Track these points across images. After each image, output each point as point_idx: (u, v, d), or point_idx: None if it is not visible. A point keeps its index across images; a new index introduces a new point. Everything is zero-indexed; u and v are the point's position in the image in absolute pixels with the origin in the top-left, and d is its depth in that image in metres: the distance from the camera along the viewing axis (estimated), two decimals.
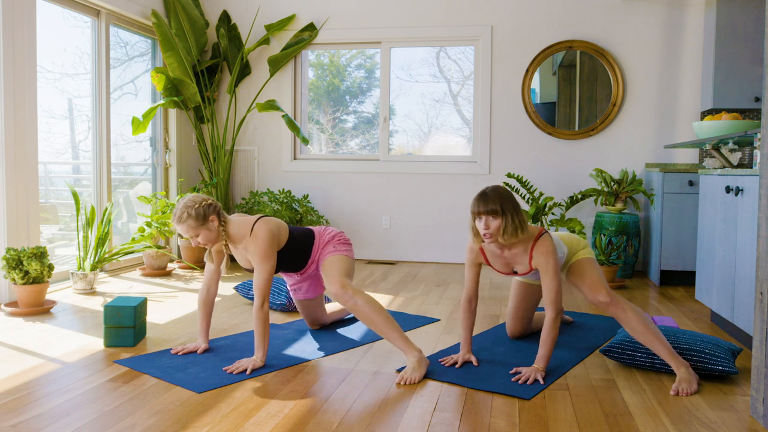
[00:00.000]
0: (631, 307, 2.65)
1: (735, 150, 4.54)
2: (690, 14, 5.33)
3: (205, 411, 2.25)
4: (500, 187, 2.63)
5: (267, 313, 2.72)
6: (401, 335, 2.69)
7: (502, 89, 5.63)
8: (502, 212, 2.53)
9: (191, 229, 2.71)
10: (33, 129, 4.04)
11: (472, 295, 2.81)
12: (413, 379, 2.56)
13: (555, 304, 2.61)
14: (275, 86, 5.94)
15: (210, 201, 2.75)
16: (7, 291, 3.90)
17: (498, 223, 2.54)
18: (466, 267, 2.82)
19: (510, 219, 2.54)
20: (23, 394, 2.39)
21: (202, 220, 2.71)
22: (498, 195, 2.56)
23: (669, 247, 4.73)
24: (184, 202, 2.72)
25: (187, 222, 2.69)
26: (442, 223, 5.77)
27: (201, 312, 2.96)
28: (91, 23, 4.88)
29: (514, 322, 3.17)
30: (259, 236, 2.75)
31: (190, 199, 2.72)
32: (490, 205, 2.53)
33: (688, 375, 2.53)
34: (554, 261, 2.63)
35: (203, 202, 2.72)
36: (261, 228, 2.77)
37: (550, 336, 2.62)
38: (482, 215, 2.55)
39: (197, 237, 2.73)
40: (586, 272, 2.76)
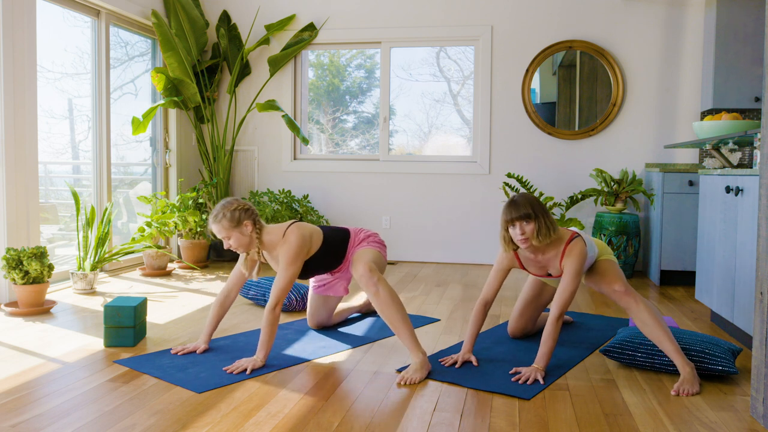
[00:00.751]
0: (643, 300, 2.68)
1: (735, 150, 4.54)
2: (690, 14, 5.33)
3: (205, 411, 2.25)
4: (526, 192, 2.71)
5: (278, 316, 2.74)
6: (411, 334, 2.70)
7: (502, 89, 5.63)
8: (535, 215, 2.62)
9: (224, 230, 2.73)
10: (33, 129, 4.04)
11: (489, 300, 2.84)
12: (414, 379, 2.57)
13: (563, 305, 2.65)
14: (275, 86, 5.94)
15: (248, 206, 2.78)
16: (7, 291, 3.90)
17: (532, 227, 2.62)
18: (494, 271, 2.84)
19: (543, 221, 2.63)
20: (23, 394, 2.39)
21: (236, 223, 2.73)
22: (527, 200, 2.64)
23: (669, 247, 4.73)
24: (223, 203, 2.76)
25: (221, 223, 2.72)
26: (442, 223, 5.77)
27: (213, 313, 2.96)
28: (91, 23, 4.88)
29: (518, 319, 3.18)
30: (290, 241, 2.78)
31: (228, 201, 2.76)
32: (522, 210, 2.61)
33: (692, 376, 2.52)
34: (580, 265, 2.67)
35: (240, 206, 2.75)
36: (293, 233, 2.80)
37: (552, 335, 2.63)
38: (516, 221, 2.63)
39: (229, 239, 2.75)
40: (606, 269, 2.82)
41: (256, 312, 3.78)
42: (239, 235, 2.75)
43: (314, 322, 3.36)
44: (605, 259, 2.87)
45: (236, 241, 2.76)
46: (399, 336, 2.73)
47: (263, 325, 2.73)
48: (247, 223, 2.76)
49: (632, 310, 2.67)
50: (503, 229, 2.69)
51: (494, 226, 5.67)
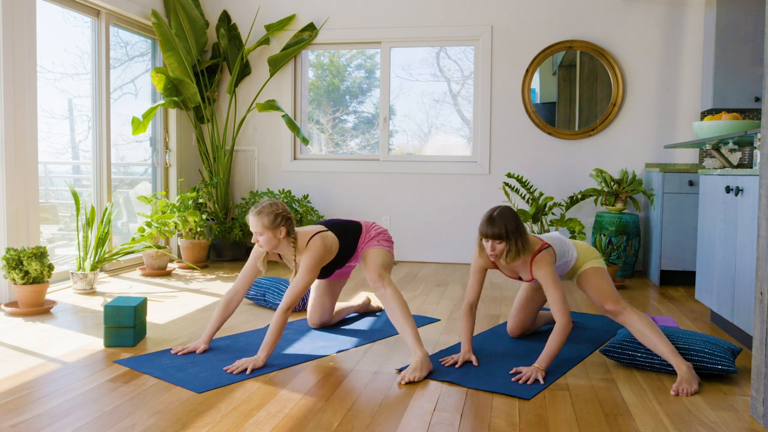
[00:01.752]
0: (634, 312, 2.73)
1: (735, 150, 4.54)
2: (690, 14, 5.33)
3: (205, 411, 2.25)
4: (506, 210, 2.72)
5: (287, 320, 2.77)
6: (414, 333, 2.74)
7: (502, 89, 5.63)
8: (507, 237, 2.67)
9: (260, 226, 2.82)
10: (33, 129, 4.04)
11: (474, 302, 2.88)
12: (414, 377, 2.57)
13: (562, 311, 2.68)
14: (275, 86, 5.94)
15: (289, 216, 2.88)
16: (7, 291, 3.90)
17: (502, 247, 2.68)
18: (472, 272, 2.88)
19: (513, 243, 2.68)
20: (23, 394, 2.39)
21: (274, 226, 2.82)
22: (503, 220, 2.68)
23: (669, 247, 4.73)
24: (271, 202, 2.86)
25: (262, 220, 2.81)
26: (442, 223, 5.77)
27: (217, 313, 2.96)
28: (91, 23, 4.88)
29: (517, 318, 3.18)
30: (312, 250, 2.88)
31: (277, 203, 2.86)
32: (496, 230, 2.66)
33: (690, 375, 2.53)
34: (551, 273, 2.73)
35: (284, 214, 2.85)
36: (316, 243, 2.90)
37: (558, 340, 2.65)
38: (488, 239, 2.69)
39: (261, 236, 2.84)
40: (595, 281, 2.85)
41: (256, 312, 3.78)
42: (271, 236, 2.84)
43: (316, 316, 3.36)
44: (595, 268, 2.88)
45: (266, 241, 2.85)
46: (402, 334, 2.78)
47: (272, 325, 2.74)
48: (282, 230, 2.85)
49: (627, 324, 2.73)
50: (479, 236, 2.76)
51: None
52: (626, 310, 2.73)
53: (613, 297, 2.77)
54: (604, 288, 2.81)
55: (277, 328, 2.74)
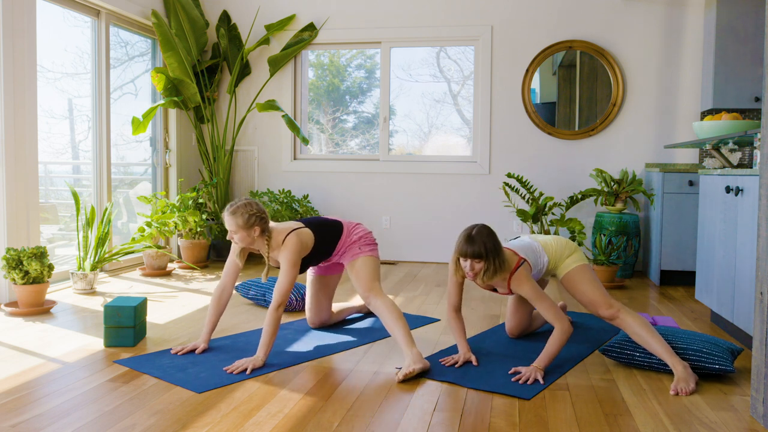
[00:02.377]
0: (628, 313, 2.72)
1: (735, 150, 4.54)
2: (690, 14, 5.33)
3: (205, 411, 2.25)
4: (484, 228, 2.71)
5: (280, 317, 2.80)
6: (406, 334, 2.76)
7: (502, 89, 5.63)
8: (486, 257, 2.65)
9: (234, 226, 2.87)
10: (33, 129, 4.04)
11: (457, 306, 2.88)
12: (413, 370, 2.58)
13: (559, 320, 2.68)
14: (275, 86, 5.94)
15: (263, 215, 2.92)
16: (7, 291, 3.90)
17: (480, 266, 2.67)
18: (450, 283, 2.88)
19: (492, 262, 2.67)
20: (23, 394, 2.39)
21: (248, 226, 2.87)
22: (482, 239, 2.66)
23: (669, 247, 4.73)
24: (248, 202, 2.91)
25: (236, 219, 2.86)
26: (443, 223, 5.77)
27: (211, 310, 2.97)
28: (91, 23, 4.88)
29: (513, 319, 3.18)
30: (289, 247, 2.92)
31: (251, 203, 2.91)
32: (475, 249, 2.65)
33: (686, 374, 2.53)
34: (532, 286, 2.73)
35: (258, 214, 2.89)
36: (292, 240, 2.94)
37: (559, 341, 2.65)
38: (467, 258, 2.67)
39: (235, 234, 2.89)
40: (580, 286, 2.82)
41: (256, 312, 3.78)
42: (245, 235, 2.89)
43: (313, 315, 3.36)
44: (575, 269, 2.85)
45: (241, 238, 2.90)
46: (394, 336, 2.81)
47: (266, 324, 2.75)
48: (256, 229, 2.89)
49: (621, 327, 2.73)
50: (455, 254, 2.73)
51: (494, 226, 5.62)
52: (620, 314, 2.72)
53: (605, 302, 2.75)
54: (592, 294, 2.78)
55: (272, 326, 2.75)
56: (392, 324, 2.82)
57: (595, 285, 2.81)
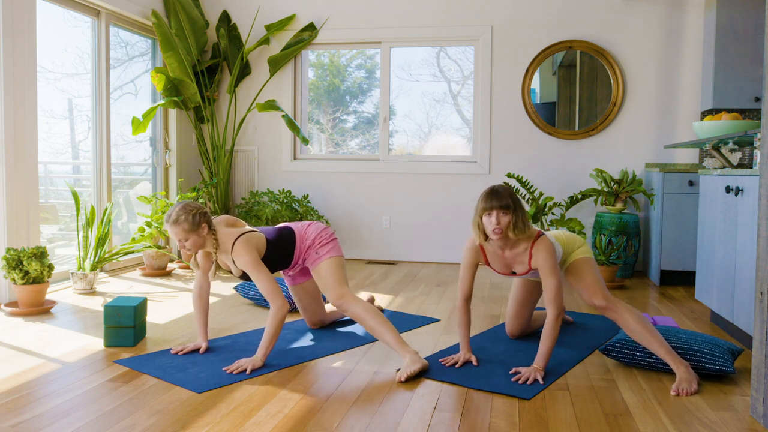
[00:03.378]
0: (627, 309, 2.68)
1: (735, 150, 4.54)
2: (690, 14, 5.33)
3: (205, 411, 2.25)
4: (506, 185, 2.69)
5: (283, 318, 2.75)
6: (396, 338, 2.74)
7: (502, 89, 5.63)
8: (513, 208, 2.60)
9: (183, 233, 2.76)
10: (33, 129, 4.04)
11: (468, 295, 2.82)
12: (412, 370, 2.57)
13: (556, 303, 2.62)
14: (275, 86, 5.94)
15: (204, 210, 2.83)
16: (7, 291, 3.90)
17: (508, 219, 2.60)
18: (463, 268, 2.82)
19: (519, 215, 2.62)
20: (23, 394, 2.39)
21: (195, 227, 2.78)
22: (508, 192, 2.63)
23: (669, 247, 4.73)
24: (182, 206, 2.79)
25: (182, 226, 2.75)
26: (442, 223, 5.77)
27: (197, 311, 2.97)
28: (91, 23, 4.88)
29: (514, 320, 3.17)
30: (241, 252, 2.81)
31: (187, 204, 2.80)
32: (503, 201, 2.59)
33: (688, 375, 2.53)
34: (553, 260, 2.66)
35: (199, 210, 2.80)
36: (240, 245, 2.83)
37: (551, 335, 2.62)
38: (494, 210, 2.59)
39: (186, 241, 2.79)
40: (582, 274, 2.78)
41: (256, 312, 3.78)
42: (196, 237, 2.80)
43: (309, 318, 3.36)
44: (581, 259, 2.82)
45: (193, 243, 2.81)
46: (385, 342, 2.77)
47: (269, 324, 2.74)
48: (204, 226, 2.82)
49: (618, 322, 2.68)
50: (478, 216, 2.65)
51: None
52: (616, 307, 2.67)
53: (601, 292, 2.71)
54: (590, 283, 2.74)
55: (273, 328, 2.73)
56: (379, 329, 2.76)
57: (596, 277, 2.77)
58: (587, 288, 2.74)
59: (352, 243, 5.90)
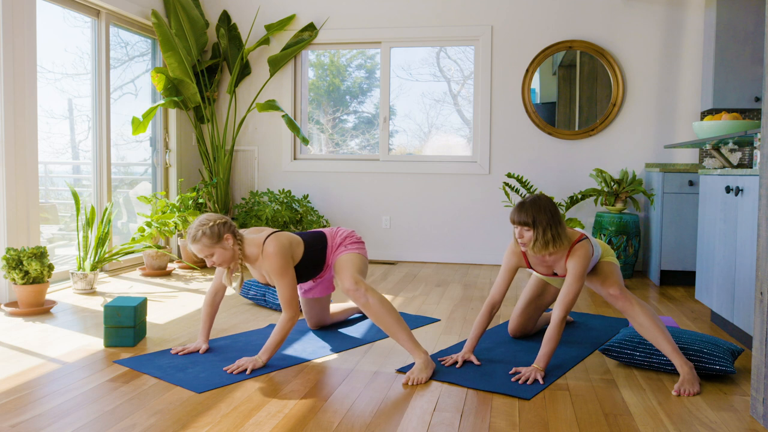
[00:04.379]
0: (639, 303, 2.68)
1: (735, 150, 4.54)
2: (690, 14, 5.33)
3: (205, 411, 2.25)
4: (541, 198, 2.65)
5: (292, 327, 2.73)
6: (410, 336, 2.70)
7: (502, 89, 5.63)
8: (534, 225, 2.60)
9: (206, 248, 2.66)
10: (33, 129, 4.04)
11: (497, 301, 2.83)
12: (420, 379, 2.57)
13: (566, 307, 2.65)
14: (275, 86, 5.94)
15: (225, 219, 2.70)
16: (7, 291, 3.90)
17: (530, 235, 2.61)
18: (502, 271, 2.84)
19: (541, 233, 2.60)
20: (23, 394, 2.39)
21: (216, 239, 2.66)
22: (534, 206, 2.61)
23: (669, 247, 4.73)
24: (199, 221, 2.68)
25: (202, 241, 2.65)
26: (442, 223, 5.77)
27: (205, 312, 2.97)
28: (91, 23, 4.88)
29: (519, 322, 3.17)
30: (270, 253, 2.70)
31: (204, 218, 2.68)
32: (522, 217, 2.61)
33: (692, 376, 2.53)
34: (584, 267, 2.67)
35: (218, 221, 2.68)
36: (270, 245, 2.72)
37: (554, 337, 2.63)
38: (515, 224, 2.64)
39: (212, 257, 2.68)
40: (604, 270, 2.82)
41: (256, 312, 3.78)
42: (222, 250, 2.68)
43: (312, 323, 3.36)
44: (606, 261, 2.86)
45: (220, 256, 2.69)
46: (397, 340, 2.72)
47: (276, 330, 2.72)
48: (228, 237, 2.69)
49: (628, 313, 2.67)
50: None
51: (494, 226, 5.67)
52: (628, 298, 2.67)
53: (618, 283, 2.72)
54: (609, 275, 2.76)
55: (280, 334, 2.71)
56: (392, 326, 2.69)
57: (617, 274, 2.80)
58: (604, 279, 2.76)
59: None
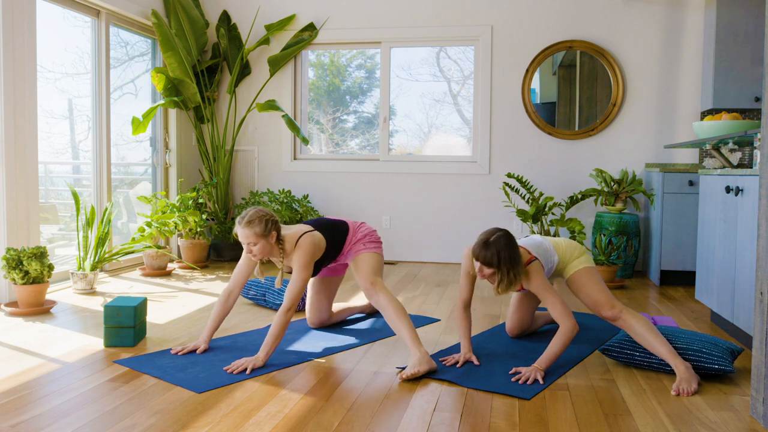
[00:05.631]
0: (633, 316, 2.70)
1: (735, 150, 4.54)
2: (690, 14, 5.33)
3: (205, 411, 2.25)
4: (503, 236, 2.63)
5: (289, 320, 2.78)
6: (412, 333, 2.75)
7: (502, 89, 5.63)
8: (498, 267, 2.61)
9: (253, 236, 2.80)
10: (33, 129, 4.04)
11: (467, 300, 2.87)
12: (416, 372, 2.58)
13: (566, 317, 2.66)
14: (275, 86, 5.94)
15: (276, 218, 2.88)
16: (7, 291, 3.90)
17: (491, 273, 2.63)
18: (463, 274, 2.88)
19: (505, 274, 2.62)
20: (23, 394, 2.39)
21: (267, 232, 2.82)
22: (497, 249, 2.59)
23: (669, 247, 4.73)
24: (257, 209, 2.85)
25: (254, 229, 2.79)
26: (442, 223, 5.77)
27: (216, 312, 2.97)
28: (91, 23, 4.88)
29: (515, 321, 3.18)
30: (302, 249, 2.88)
31: (262, 209, 2.86)
32: (487, 258, 2.61)
33: (689, 375, 2.53)
34: (543, 283, 2.70)
35: (272, 217, 2.86)
36: (306, 241, 2.90)
37: (562, 342, 2.64)
38: (478, 262, 2.64)
39: (255, 245, 2.82)
40: (586, 287, 2.81)
41: (256, 312, 3.78)
42: (265, 243, 2.84)
43: (314, 315, 3.36)
44: (582, 270, 2.83)
45: (261, 249, 2.84)
46: (400, 336, 2.79)
47: (274, 325, 2.74)
48: (274, 234, 2.86)
49: (625, 328, 2.71)
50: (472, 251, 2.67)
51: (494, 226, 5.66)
52: (623, 315, 2.70)
53: (608, 303, 2.73)
54: (595, 295, 2.76)
55: (278, 329, 2.74)
56: (397, 322, 2.80)
57: (600, 287, 2.79)
58: (593, 301, 2.78)
59: None
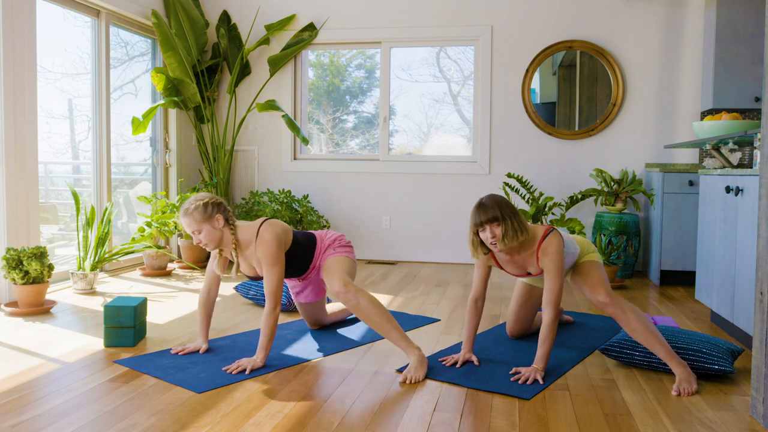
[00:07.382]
0: (630, 308, 2.65)
1: (735, 150, 4.54)
2: (690, 14, 5.33)
3: (205, 411, 2.25)
4: (495, 194, 2.68)
5: (277, 317, 2.73)
6: (402, 335, 2.71)
7: (502, 89, 5.63)
8: (502, 218, 2.59)
9: (194, 223, 2.70)
10: (33, 129, 4.04)
11: (479, 295, 2.83)
12: (417, 377, 2.58)
13: (553, 305, 2.63)
14: (275, 86, 5.94)
15: (220, 201, 2.77)
16: (7, 291, 3.90)
17: (501, 230, 2.59)
18: (476, 266, 2.83)
19: (510, 223, 2.60)
20: (23, 394, 2.39)
21: (207, 216, 2.70)
22: (495, 202, 2.62)
23: (669, 247, 4.73)
24: (194, 196, 2.76)
25: (192, 215, 2.69)
26: (442, 223, 5.77)
27: (201, 313, 2.96)
28: (91, 23, 4.88)
29: (515, 322, 3.18)
30: (266, 239, 2.73)
31: (200, 195, 2.76)
32: (489, 213, 2.59)
33: (687, 375, 2.53)
34: (558, 261, 2.65)
35: (212, 200, 2.74)
36: (267, 231, 2.76)
37: (549, 337, 2.63)
38: (485, 225, 2.61)
39: (199, 233, 2.71)
40: (589, 273, 2.78)
41: (256, 312, 3.78)
42: (210, 228, 2.71)
43: (311, 323, 3.36)
44: (589, 261, 2.83)
45: (207, 235, 2.72)
46: (390, 339, 2.73)
47: (263, 327, 2.73)
48: (219, 218, 2.73)
49: (619, 320, 2.65)
50: (472, 233, 2.67)
51: None
52: (618, 304, 2.64)
53: (604, 289, 2.69)
54: (594, 280, 2.73)
55: (269, 330, 2.71)
56: (384, 324, 2.69)
57: (601, 276, 2.77)
58: (591, 285, 2.73)
59: (353, 243, 5.90)
